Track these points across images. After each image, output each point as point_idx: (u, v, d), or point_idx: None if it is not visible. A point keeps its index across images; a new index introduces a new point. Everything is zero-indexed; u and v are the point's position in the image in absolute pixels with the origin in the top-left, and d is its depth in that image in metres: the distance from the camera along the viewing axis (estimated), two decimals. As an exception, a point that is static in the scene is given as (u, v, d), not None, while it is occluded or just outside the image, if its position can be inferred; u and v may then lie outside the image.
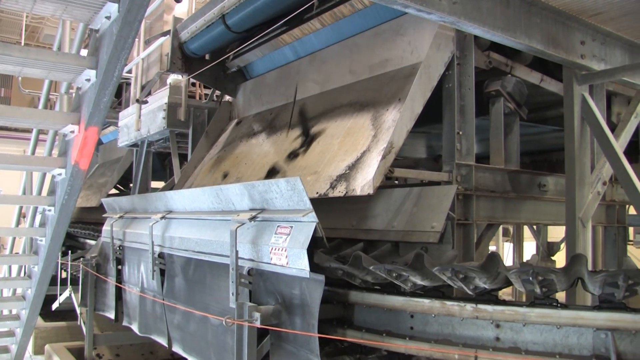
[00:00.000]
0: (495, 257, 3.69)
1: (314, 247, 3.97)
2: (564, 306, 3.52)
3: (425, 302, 3.88)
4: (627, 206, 7.37)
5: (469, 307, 3.70)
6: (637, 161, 7.33)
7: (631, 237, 12.27)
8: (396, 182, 7.56)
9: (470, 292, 3.70)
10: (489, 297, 3.74)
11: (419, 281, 3.79)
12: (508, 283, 3.65)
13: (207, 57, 8.15)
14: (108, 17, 4.98)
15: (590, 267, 5.19)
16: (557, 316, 3.47)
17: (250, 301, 4.37)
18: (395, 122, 4.79)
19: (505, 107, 5.72)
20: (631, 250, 10.79)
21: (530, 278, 3.43)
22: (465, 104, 5.20)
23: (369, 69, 5.91)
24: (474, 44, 5.41)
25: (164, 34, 8.27)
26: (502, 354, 3.58)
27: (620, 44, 5.86)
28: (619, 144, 5.72)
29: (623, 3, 5.13)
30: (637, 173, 5.45)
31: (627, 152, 5.85)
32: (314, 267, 3.88)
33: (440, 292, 4.02)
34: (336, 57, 6.48)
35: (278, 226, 4.18)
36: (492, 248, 15.28)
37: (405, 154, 9.31)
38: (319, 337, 3.80)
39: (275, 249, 4.10)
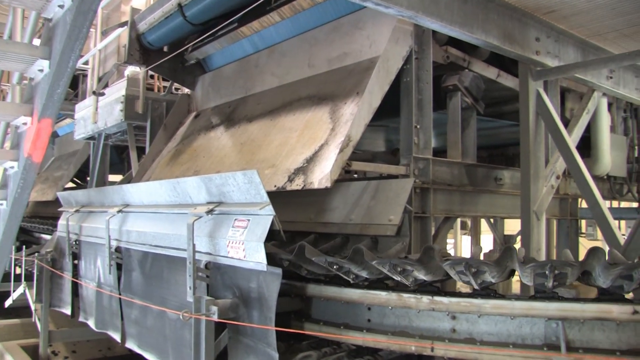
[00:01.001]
0: (431, 250, 3.71)
1: (271, 240, 3.97)
2: (517, 297, 3.58)
3: (382, 295, 3.90)
4: (579, 199, 7.53)
5: (426, 299, 3.74)
6: (589, 156, 7.49)
7: (583, 230, 12.59)
8: (355, 175, 7.59)
9: (409, 284, 3.75)
10: (429, 287, 3.77)
11: (363, 274, 3.82)
12: (447, 275, 3.70)
13: (165, 49, 8.05)
14: (61, 6, 4.87)
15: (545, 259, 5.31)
16: (511, 307, 3.53)
17: (207, 295, 4.34)
18: (353, 115, 4.81)
19: (463, 102, 5.79)
20: (583, 242, 11.02)
21: (464, 269, 3.49)
22: (422, 98, 5.24)
23: (327, 62, 5.92)
24: (432, 39, 5.45)
25: (122, 25, 8.14)
26: (458, 345, 3.63)
27: (573, 42, 5.98)
28: (572, 139, 5.84)
29: (575, 2, 5.23)
30: (589, 167, 5.57)
31: (579, 147, 5.98)
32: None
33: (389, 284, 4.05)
34: (295, 51, 6.46)
35: (235, 219, 4.16)
36: (450, 241, 15.51)
37: (364, 148, 9.34)
38: (277, 331, 3.80)
39: (232, 242, 4.08)
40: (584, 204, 6.92)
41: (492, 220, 10.72)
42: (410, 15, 4.33)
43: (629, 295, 3.44)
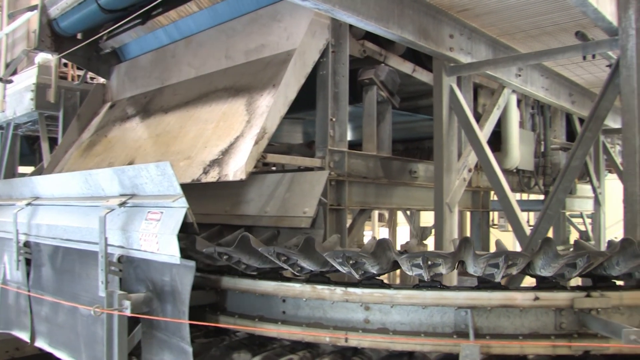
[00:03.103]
0: (310, 241, 3.73)
1: (185, 232, 3.92)
2: (429, 287, 3.67)
3: (297, 287, 3.92)
4: (491, 192, 7.79)
5: (339, 290, 3.78)
6: (500, 150, 7.75)
7: (496, 222, 13.04)
8: (274, 168, 7.59)
9: (295, 274, 3.80)
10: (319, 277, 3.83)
11: (253, 263, 3.83)
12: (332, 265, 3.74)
13: (79, 36, 7.78)
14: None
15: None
16: (423, 297, 3.63)
17: (120, 289, 4.24)
18: (269, 107, 4.81)
19: (378, 96, 5.88)
20: (495, 233, 11.43)
21: (342, 260, 3.55)
22: (339, 91, 5.29)
23: (245, 54, 5.88)
24: (349, 33, 5.51)
25: (31, 8, 7.81)
26: (371, 335, 3.69)
27: (485, 40, 6.18)
28: (483, 134, 6.04)
29: (487, 1, 5.42)
30: (499, 161, 5.77)
31: (490, 141, 6.18)
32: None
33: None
34: (212, 42, 6.39)
35: (148, 212, 4.08)
36: (368, 233, 15.72)
37: (282, 140, 9.35)
38: (192, 324, 3.76)
39: (145, 235, 4.00)
40: (495, 197, 7.16)
41: (408, 212, 10.94)
42: (326, 8, 4.35)
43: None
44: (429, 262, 3.47)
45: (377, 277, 3.83)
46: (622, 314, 3.56)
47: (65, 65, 9.55)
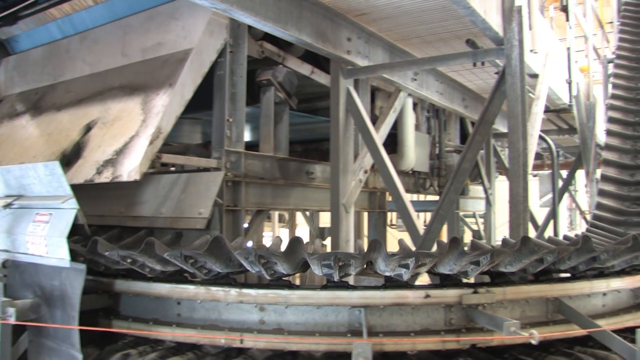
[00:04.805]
0: (220, 241, 3.71)
1: (76, 234, 3.81)
2: (323, 287, 3.72)
3: (191, 289, 3.87)
4: (387, 193, 7.98)
5: (234, 291, 3.76)
6: (396, 152, 7.95)
7: (394, 222, 13.36)
8: (173, 168, 7.47)
9: (202, 276, 3.77)
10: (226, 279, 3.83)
11: (157, 267, 3.79)
12: (241, 267, 3.75)
13: (-38, 26, 7.38)
14: None
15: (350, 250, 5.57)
16: (317, 297, 3.66)
17: (4, 296, 4.05)
18: (165, 107, 4.74)
19: (276, 97, 5.90)
20: (393, 233, 11.72)
21: (254, 260, 3.56)
22: (236, 91, 5.28)
23: (141, 52, 5.76)
24: (247, 33, 5.50)
25: None
26: (267, 336, 3.69)
27: (382, 44, 6.33)
28: (379, 136, 6.18)
29: (384, 7, 5.56)
30: (395, 163, 5.92)
31: (387, 144, 6.34)
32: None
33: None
34: (109, 38, 6.21)
35: (36, 214, 3.93)
36: (268, 234, 15.71)
37: (182, 140, 9.21)
38: (82, 330, 3.65)
39: (33, 238, 3.85)
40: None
41: (307, 213, 11.02)
42: (224, 8, 4.33)
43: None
44: (340, 263, 3.51)
45: (285, 278, 3.83)
46: (506, 307, 3.73)
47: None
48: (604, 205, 6.87)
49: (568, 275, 4.16)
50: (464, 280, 3.84)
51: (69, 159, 5.19)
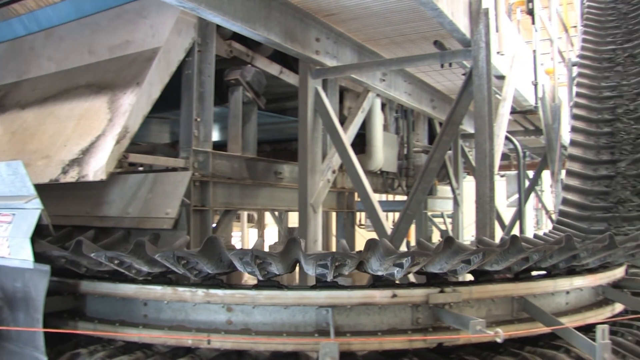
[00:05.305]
0: (214, 241, 3.71)
1: (40, 235, 3.75)
2: (290, 287, 3.72)
3: (158, 289, 3.83)
4: (355, 193, 8.00)
5: (201, 292, 3.74)
6: (364, 152, 7.98)
7: (363, 222, 13.41)
8: (141, 168, 7.40)
9: (192, 277, 3.76)
10: (213, 280, 3.82)
11: (144, 268, 3.76)
12: (232, 267, 3.75)
13: None
14: None
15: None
16: (284, 297, 3.66)
17: (-36, 299, 3.98)
18: (132, 106, 4.70)
19: (244, 96, 5.89)
20: (362, 233, 11.78)
21: (249, 260, 3.57)
22: (204, 91, 5.26)
23: (109, 50, 5.69)
24: (216, 33, 5.48)
25: None
26: (234, 337, 3.68)
27: (351, 45, 6.36)
28: (347, 136, 6.20)
29: (352, 8, 5.58)
30: (363, 163, 5.95)
31: (356, 144, 6.36)
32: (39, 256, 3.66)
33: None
34: (75, 35, 6.13)
35: (-1, 214, 3.87)
36: (237, 234, 15.67)
37: (151, 140, 9.14)
38: (46, 332, 3.60)
39: (-5, 239, 3.79)
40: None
41: (276, 213, 11.01)
42: (192, 7, 4.31)
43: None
44: (337, 263, 3.52)
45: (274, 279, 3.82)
46: (472, 306, 3.77)
47: None
48: (569, 201, 7.06)
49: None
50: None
51: (32, 159, 5.11)
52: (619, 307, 4.45)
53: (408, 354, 3.65)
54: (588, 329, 3.73)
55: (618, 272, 4.63)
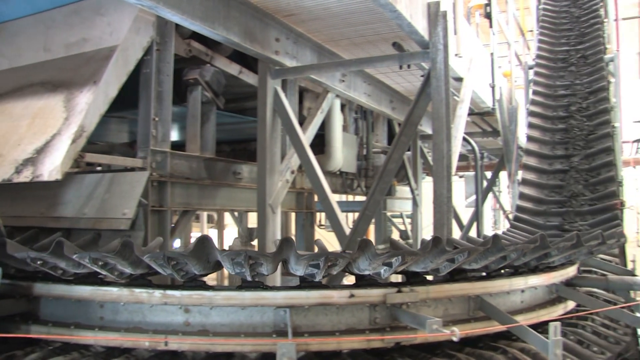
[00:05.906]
0: (127, 244, 3.69)
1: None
2: (248, 288, 3.71)
3: (114, 291, 3.78)
4: (314, 193, 8.02)
5: (158, 293, 3.70)
6: (324, 152, 8.01)
7: (323, 222, 13.44)
8: (99, 168, 7.29)
9: (115, 278, 3.73)
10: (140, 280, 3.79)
11: (70, 269, 3.71)
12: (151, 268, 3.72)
13: None
14: None
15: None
16: (242, 298, 3.65)
17: None
18: (89, 105, 4.63)
19: (203, 96, 5.86)
20: (322, 233, 11.79)
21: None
22: (162, 90, 5.22)
23: (65, 47, 5.60)
24: (175, 31, 5.43)
25: None
26: (192, 338, 3.66)
27: (310, 45, 6.36)
28: (306, 136, 6.21)
29: (312, 8, 5.59)
30: (322, 163, 5.96)
31: (315, 144, 6.38)
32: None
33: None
34: (30, 31, 6.00)
35: (-52, 214, 3.78)
36: (196, 234, 15.52)
37: (110, 139, 9.02)
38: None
39: (-59, 241, 3.69)
40: (318, 198, 7.37)
41: (236, 213, 10.96)
42: (150, 5, 4.26)
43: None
44: (251, 261, 3.50)
45: (201, 279, 3.80)
46: (429, 306, 3.81)
47: None
48: (526, 195, 7.25)
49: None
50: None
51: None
52: (571, 305, 4.57)
53: (342, 354, 3.67)
54: (538, 326, 3.85)
55: (571, 271, 4.75)
